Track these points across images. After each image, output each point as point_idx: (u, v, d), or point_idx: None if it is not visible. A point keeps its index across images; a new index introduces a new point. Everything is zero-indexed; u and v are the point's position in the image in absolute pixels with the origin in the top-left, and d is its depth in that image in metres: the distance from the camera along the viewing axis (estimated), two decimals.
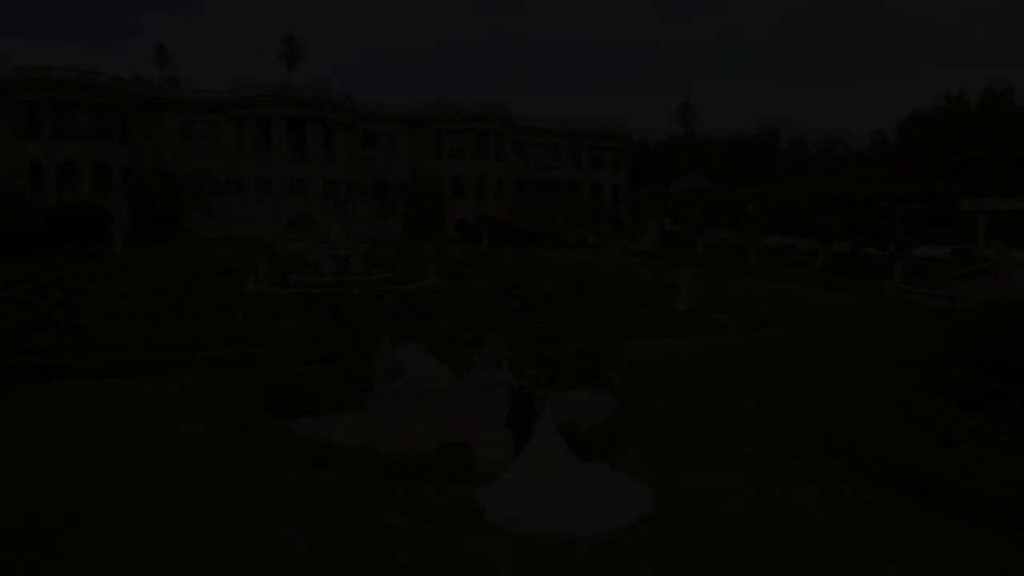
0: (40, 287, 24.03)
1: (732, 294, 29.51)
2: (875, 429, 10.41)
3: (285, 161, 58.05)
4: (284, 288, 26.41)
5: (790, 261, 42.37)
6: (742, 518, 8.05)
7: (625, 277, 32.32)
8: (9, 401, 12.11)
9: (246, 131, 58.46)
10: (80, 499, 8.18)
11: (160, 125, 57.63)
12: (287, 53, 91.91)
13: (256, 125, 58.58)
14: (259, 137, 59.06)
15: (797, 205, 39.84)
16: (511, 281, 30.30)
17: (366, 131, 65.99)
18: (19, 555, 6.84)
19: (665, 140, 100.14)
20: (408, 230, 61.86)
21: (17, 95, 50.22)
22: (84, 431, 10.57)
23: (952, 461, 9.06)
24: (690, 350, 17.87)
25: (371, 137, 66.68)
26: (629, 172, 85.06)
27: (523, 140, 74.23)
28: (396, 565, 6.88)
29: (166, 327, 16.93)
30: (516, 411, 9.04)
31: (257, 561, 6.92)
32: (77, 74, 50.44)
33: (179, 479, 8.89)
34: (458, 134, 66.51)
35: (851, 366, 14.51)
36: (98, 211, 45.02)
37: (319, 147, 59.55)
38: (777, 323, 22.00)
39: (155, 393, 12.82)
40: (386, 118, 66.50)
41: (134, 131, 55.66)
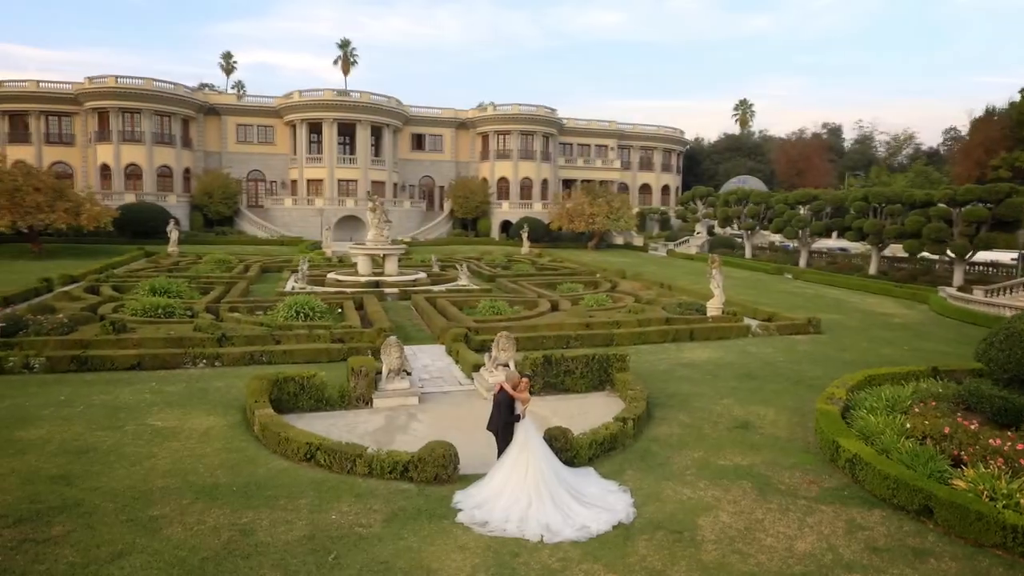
0: (96, 283, 25.51)
1: (773, 299, 28.56)
2: (886, 444, 9.87)
3: (335, 163, 59.71)
4: (320, 287, 27.16)
5: (842, 265, 40.69)
6: (720, 532, 7.79)
7: (663, 280, 31.67)
8: (45, 389, 12.91)
9: (299, 134, 60.44)
10: (84, 483, 8.64)
11: (219, 129, 60.27)
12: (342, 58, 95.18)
13: (308, 129, 60.48)
14: (311, 140, 60.98)
15: (849, 207, 38.12)
16: (544, 282, 30.23)
17: (414, 133, 67.13)
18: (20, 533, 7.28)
19: (718, 140, 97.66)
20: (453, 230, 62.58)
21: (90, 103, 53.56)
22: (102, 420, 11.16)
23: (961, 482, 8.49)
24: (712, 356, 17.38)
25: (419, 139, 67.81)
26: (681, 173, 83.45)
27: (570, 141, 73.96)
28: (354, 561, 6.98)
29: (197, 324, 17.66)
30: (498, 415, 9.01)
31: (233, 547, 7.16)
32: (142, 82, 53.39)
33: (178, 468, 9.28)
34: (504, 136, 66.85)
35: (878, 376, 13.79)
36: (159, 211, 47.44)
37: (368, 149, 60.98)
38: (813, 330, 21.14)
39: (176, 386, 13.40)
40: (434, 121, 67.48)
41: (195, 135, 58.45)
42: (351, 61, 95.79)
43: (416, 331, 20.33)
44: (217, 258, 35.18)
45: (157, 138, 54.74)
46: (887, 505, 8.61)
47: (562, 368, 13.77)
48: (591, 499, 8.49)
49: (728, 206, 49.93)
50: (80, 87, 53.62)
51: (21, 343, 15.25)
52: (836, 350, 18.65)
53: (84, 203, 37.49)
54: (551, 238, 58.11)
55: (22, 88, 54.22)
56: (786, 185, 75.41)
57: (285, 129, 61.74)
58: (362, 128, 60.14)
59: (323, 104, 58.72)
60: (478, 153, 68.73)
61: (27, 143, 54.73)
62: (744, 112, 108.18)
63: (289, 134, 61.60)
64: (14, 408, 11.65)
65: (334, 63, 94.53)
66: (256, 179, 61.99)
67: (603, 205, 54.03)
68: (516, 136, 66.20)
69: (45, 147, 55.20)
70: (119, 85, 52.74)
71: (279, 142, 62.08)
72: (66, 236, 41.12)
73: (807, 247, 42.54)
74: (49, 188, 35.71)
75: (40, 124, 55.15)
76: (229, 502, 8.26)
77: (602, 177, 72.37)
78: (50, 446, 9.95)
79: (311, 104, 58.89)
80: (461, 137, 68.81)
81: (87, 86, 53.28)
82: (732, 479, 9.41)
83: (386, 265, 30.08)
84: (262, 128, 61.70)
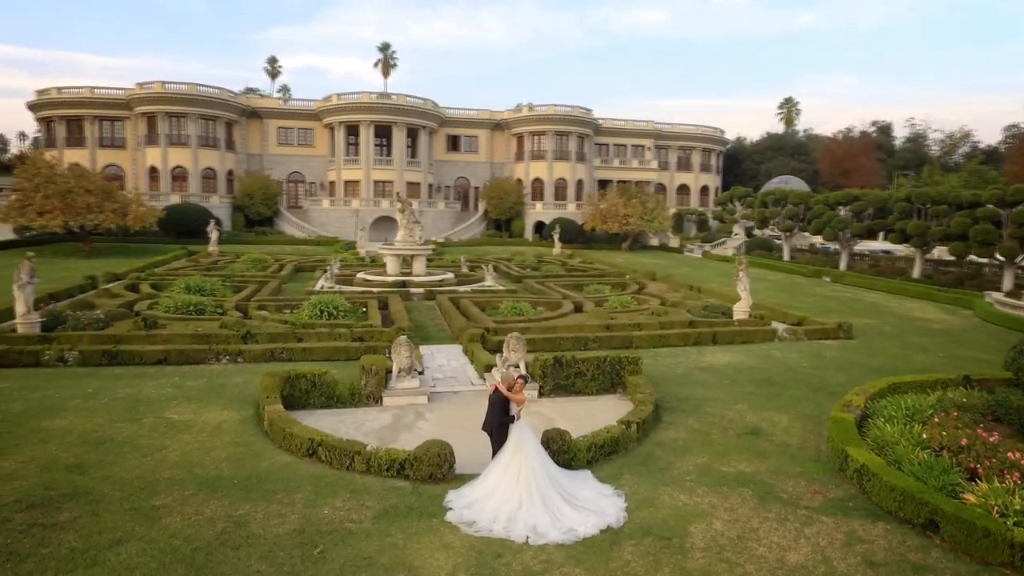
0: (136, 281, 26.59)
1: (806, 303, 27.78)
2: (899, 455, 9.50)
3: (371, 165, 60.73)
4: (347, 287, 27.67)
5: (884, 268, 39.27)
6: (711, 540, 7.63)
7: (693, 282, 31.15)
8: (75, 382, 13.54)
9: (337, 137, 61.70)
10: (96, 472, 9.03)
11: (261, 132, 62.02)
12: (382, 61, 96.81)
13: (346, 131, 61.68)
14: (348, 142, 62.18)
15: (892, 208, 36.74)
16: (571, 283, 30.09)
17: (450, 135, 67.75)
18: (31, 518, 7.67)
19: (761, 139, 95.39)
20: (486, 231, 62.88)
21: (140, 107, 55.84)
22: (123, 412, 11.64)
23: (972, 496, 8.11)
24: (733, 361, 17.02)
25: (454, 140, 68.39)
26: (720, 173, 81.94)
27: (606, 141, 73.46)
28: (338, 555, 7.10)
29: (223, 321, 18.23)
30: (492, 415, 9.03)
31: (225, 537, 7.39)
32: (187, 87, 55.38)
33: (186, 460, 9.62)
34: (539, 137, 66.86)
35: (903, 384, 13.27)
36: (202, 212, 49.09)
37: (403, 151, 61.83)
38: (844, 335, 20.47)
39: (197, 381, 13.87)
40: (469, 122, 67.97)
41: (238, 138, 60.30)
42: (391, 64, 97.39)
43: (437, 331, 20.52)
44: (254, 257, 36.21)
45: (202, 141, 56.68)
46: (893, 518, 8.29)
47: (572, 370, 13.70)
48: (583, 502, 8.43)
49: (766, 207, 48.73)
50: (131, 93, 55.97)
51: (59, 337, 16.03)
52: (865, 356, 18.02)
53: (131, 204, 39.11)
54: (585, 239, 57.79)
55: (78, 94, 56.91)
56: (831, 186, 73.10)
57: (324, 131, 63.12)
58: (398, 130, 60.99)
59: (360, 107, 59.79)
60: (513, 154, 68.90)
61: (82, 147, 57.42)
62: (789, 110, 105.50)
63: (328, 136, 62.95)
64: (44, 399, 12.25)
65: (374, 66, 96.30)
66: (296, 180, 63.55)
67: (637, 206, 53.40)
68: (551, 137, 66.11)
69: (99, 150, 57.79)
70: (166, 91, 54.86)
71: (318, 144, 63.50)
72: (115, 236, 42.94)
73: (848, 249, 41.18)
74: (99, 190, 37.39)
75: (94, 128, 57.76)
76: (229, 494, 8.52)
77: (638, 178, 71.60)
78: (71, 436, 10.43)
79: (348, 107, 60.05)
80: (496, 138, 69.11)
81: (137, 92, 55.58)
82: (733, 486, 9.20)
83: (414, 265, 30.44)
84: (302, 131, 63.22)
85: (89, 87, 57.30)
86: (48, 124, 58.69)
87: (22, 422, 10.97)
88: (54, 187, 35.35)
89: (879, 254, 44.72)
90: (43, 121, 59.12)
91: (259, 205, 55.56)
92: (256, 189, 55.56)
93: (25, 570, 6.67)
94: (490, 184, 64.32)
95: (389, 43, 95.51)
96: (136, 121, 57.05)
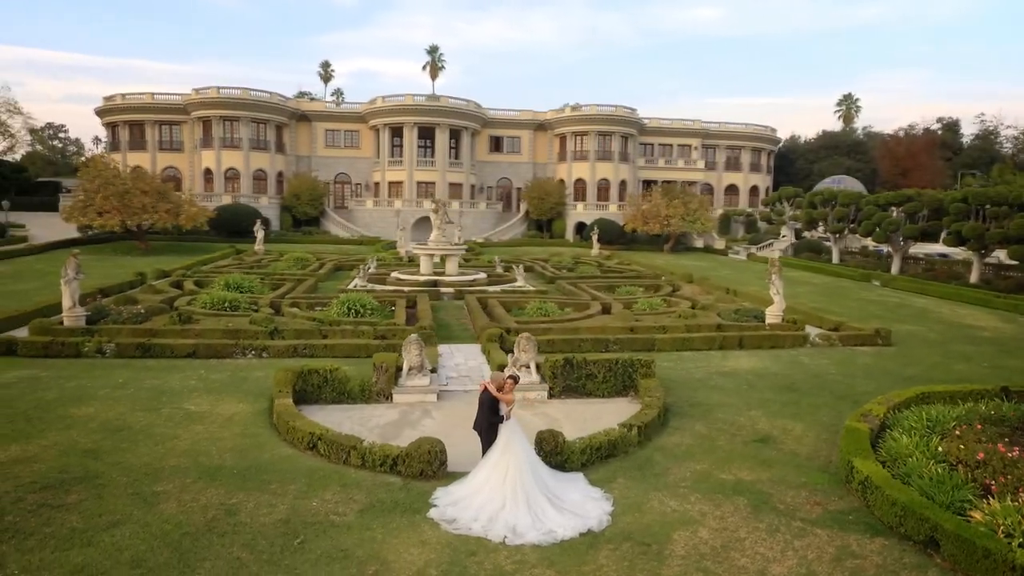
0: (181, 278, 27.82)
1: (848, 307, 26.74)
2: (910, 468, 9.05)
3: (414, 166, 61.69)
4: (380, 285, 28.20)
5: (939, 273, 37.34)
6: (692, 548, 7.46)
7: (731, 285, 30.38)
8: (109, 372, 14.29)
9: (382, 138, 62.94)
10: (109, 458, 9.53)
11: (309, 135, 63.86)
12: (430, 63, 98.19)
13: (390, 133, 62.85)
14: (393, 144, 63.35)
15: (948, 208, 34.91)
16: (604, 285, 29.82)
17: (492, 136, 68.14)
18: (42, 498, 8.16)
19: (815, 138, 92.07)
20: (527, 232, 62.92)
21: (196, 112, 58.37)
22: (145, 402, 12.23)
23: (978, 513, 7.66)
24: (757, 366, 16.54)
25: (497, 141, 68.74)
26: (771, 173, 79.61)
27: (651, 141, 72.45)
28: (317, 546, 7.28)
29: (253, 317, 18.87)
30: (482, 415, 9.07)
31: (214, 524, 7.69)
32: (240, 92, 57.56)
33: (193, 449, 10.03)
34: (581, 137, 66.49)
35: (933, 394, 12.63)
36: (252, 212, 50.91)
37: (446, 152, 62.54)
38: (882, 341, 19.59)
39: (221, 375, 14.42)
40: (512, 123, 68.20)
41: (287, 140, 62.27)
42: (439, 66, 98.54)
43: (460, 330, 20.69)
44: (296, 256, 37.30)
45: (253, 144, 58.78)
46: (893, 534, 7.91)
47: (583, 371, 13.60)
48: (569, 505, 8.38)
49: (814, 207, 47.04)
50: (188, 98, 58.57)
51: (100, 330, 16.94)
52: (900, 364, 17.20)
53: (183, 204, 40.93)
54: (626, 240, 57.13)
55: (140, 100, 59.95)
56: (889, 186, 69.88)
57: (370, 133, 64.48)
58: (440, 131, 61.74)
59: (404, 109, 60.80)
60: (556, 154, 68.75)
61: (144, 150, 60.45)
62: (848, 108, 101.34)
63: (373, 138, 64.28)
64: (77, 388, 12.99)
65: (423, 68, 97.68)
66: (343, 181, 65.16)
67: (679, 206, 52.44)
68: (594, 137, 65.65)
69: (159, 153, 60.71)
70: (220, 95, 57.16)
71: (364, 146, 64.92)
72: (170, 234, 44.99)
73: (900, 252, 39.35)
74: (153, 190, 39.29)
75: (155, 132, 60.72)
76: (226, 483, 8.84)
77: (684, 178, 70.33)
78: (93, 423, 11.03)
79: (393, 109, 61.16)
80: (539, 139, 69.09)
81: (193, 97, 58.12)
82: (728, 494, 8.96)
83: (447, 265, 30.77)
84: (348, 133, 64.77)
85: (150, 93, 60.29)
86: (113, 129, 62.02)
87: (53, 409, 11.66)
88: (112, 188, 37.35)
89: (935, 257, 42.56)
90: (109, 126, 62.51)
91: (305, 205, 57.22)
92: (303, 190, 57.24)
93: (27, 547, 7.11)
94: (531, 185, 64.34)
95: (437, 46, 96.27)
96: (193, 125, 59.64)
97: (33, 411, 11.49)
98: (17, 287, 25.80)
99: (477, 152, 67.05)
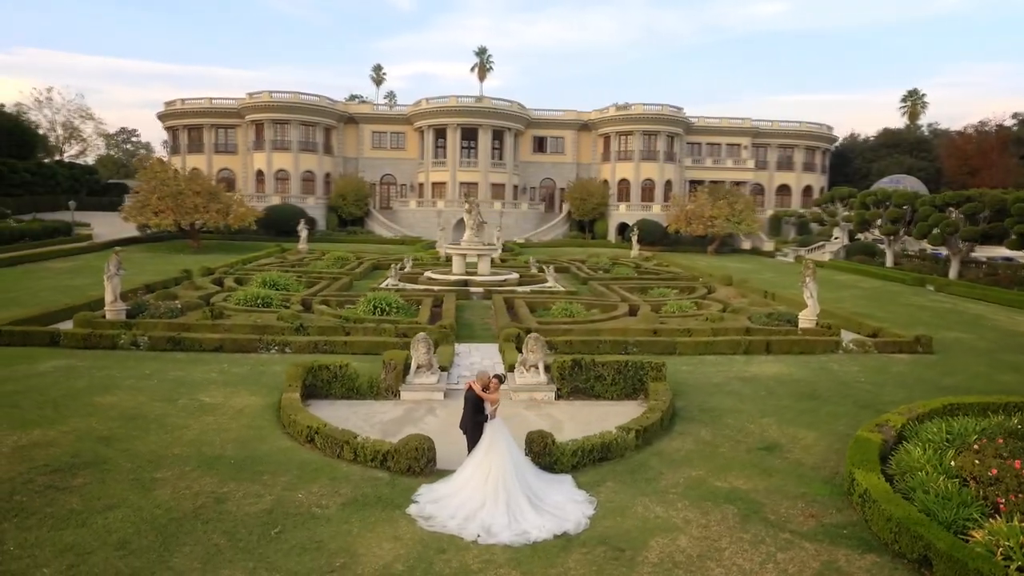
0: (223, 275, 28.93)
1: (894, 313, 25.54)
2: (917, 482, 8.56)
3: (457, 167, 62.30)
4: (411, 284, 28.60)
5: (1002, 278, 35.19)
6: (666, 556, 7.27)
7: (771, 288, 29.43)
8: (139, 364, 15.00)
9: (426, 140, 63.83)
10: (119, 445, 10.01)
11: (356, 137, 65.37)
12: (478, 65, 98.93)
13: (434, 134, 63.66)
14: (437, 145, 64.14)
15: (1011, 209, 32.82)
16: (637, 286, 29.40)
17: (536, 136, 68.11)
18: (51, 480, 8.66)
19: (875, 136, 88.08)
20: (569, 232, 62.62)
21: (249, 116, 60.61)
22: (165, 393, 12.78)
23: (979, 533, 7.18)
24: (780, 372, 15.97)
25: (540, 142, 68.67)
26: (827, 172, 76.69)
27: (699, 141, 70.92)
28: (293, 536, 7.45)
29: (280, 314, 19.45)
30: (467, 414, 9.08)
31: (201, 511, 7.99)
32: (291, 95, 59.43)
33: (199, 439, 10.43)
34: (625, 137, 65.69)
35: (963, 405, 11.89)
36: (299, 212, 52.47)
37: (488, 153, 62.89)
38: (922, 349, 18.60)
39: (242, 368, 14.93)
40: (556, 123, 68.00)
41: (335, 142, 63.92)
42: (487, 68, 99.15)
43: (483, 330, 20.76)
44: (337, 255, 38.25)
45: (302, 146, 60.59)
46: (887, 551, 7.50)
47: (592, 373, 13.44)
48: (550, 507, 8.30)
49: (866, 208, 45.02)
50: (242, 102, 60.87)
51: (137, 324, 17.81)
52: (939, 373, 16.29)
53: (232, 205, 42.55)
54: (669, 242, 56.12)
55: (198, 105, 62.66)
56: (955, 186, 66.13)
57: (415, 135, 65.49)
58: (483, 132, 62.13)
59: (447, 110, 61.48)
60: (599, 155, 68.15)
61: (201, 152, 63.17)
62: (914, 104, 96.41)
63: (418, 140, 65.25)
64: (106, 378, 13.69)
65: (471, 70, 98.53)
66: (388, 182, 66.39)
67: (724, 207, 51.14)
68: (638, 136, 64.75)
69: (214, 155, 63.31)
70: (272, 99, 59.20)
71: (409, 147, 65.98)
72: (222, 234, 46.90)
73: (959, 255, 37.23)
74: (205, 191, 41.02)
75: (211, 136, 63.36)
76: (222, 473, 9.15)
77: (733, 178, 68.50)
78: (113, 411, 11.60)
79: (437, 111, 61.92)
80: (583, 139, 68.64)
81: (247, 101, 60.37)
82: (718, 502, 8.69)
83: (479, 265, 30.94)
84: (394, 135, 65.96)
85: (208, 98, 62.93)
86: (174, 132, 65.05)
87: (80, 396, 12.33)
88: (166, 189, 39.21)
89: (998, 261, 40.08)
90: (170, 130, 65.61)
91: (351, 206, 58.59)
92: (349, 191, 58.63)
93: (27, 525, 7.55)
94: (574, 185, 63.97)
95: (485, 47, 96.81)
96: (246, 128, 61.93)
97: (61, 398, 12.18)
98: (74, 282, 27.38)
99: (520, 152, 67.16)
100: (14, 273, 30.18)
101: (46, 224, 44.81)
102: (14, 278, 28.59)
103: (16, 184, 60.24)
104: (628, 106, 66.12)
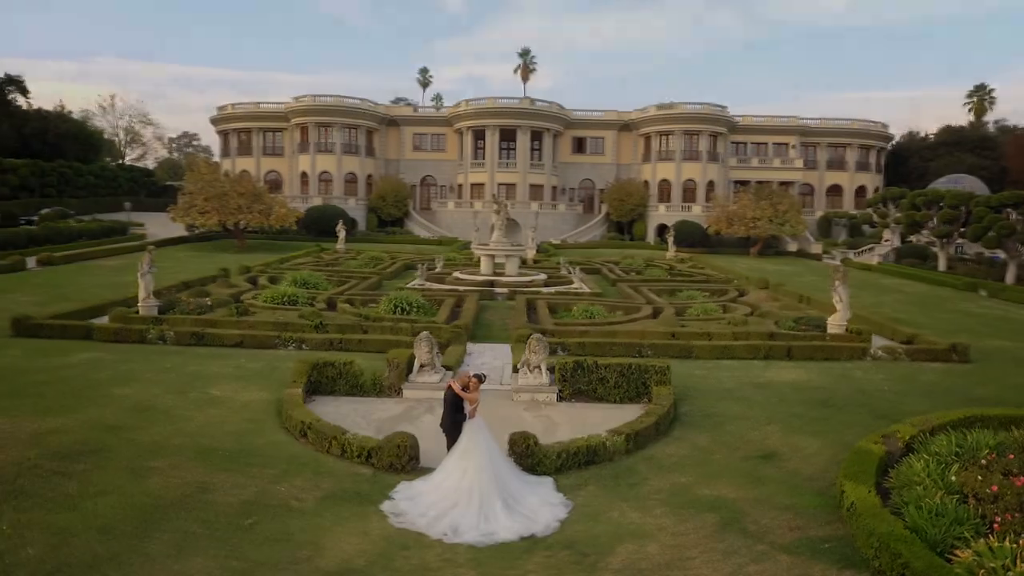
0: (257, 274, 29.88)
1: (940, 319, 24.37)
2: (913, 497, 8.15)
3: (495, 168, 62.57)
4: (438, 284, 28.89)
5: None
6: (631, 563, 7.14)
7: (808, 292, 28.39)
8: (161, 358, 15.66)
9: (465, 141, 64.37)
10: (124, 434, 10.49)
11: (398, 139, 66.47)
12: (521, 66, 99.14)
13: (473, 136, 64.13)
14: (476, 147, 64.58)
15: None
16: (666, 288, 28.95)
17: (575, 137, 67.75)
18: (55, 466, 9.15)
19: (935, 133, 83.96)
20: (607, 234, 62.01)
21: (295, 119, 62.42)
22: (178, 386, 13.30)
23: (968, 552, 6.77)
24: (797, 378, 15.43)
25: (580, 142, 68.26)
26: (882, 172, 73.54)
27: (744, 140, 69.10)
28: (265, 528, 7.65)
29: (301, 312, 19.97)
30: (446, 413, 9.12)
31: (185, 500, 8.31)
32: (333, 99, 60.88)
33: (199, 431, 10.83)
34: (666, 136, 64.62)
35: (984, 417, 11.23)
36: (339, 212, 53.67)
37: (527, 154, 62.92)
38: (957, 358, 17.65)
39: (257, 364, 15.39)
40: (595, 123, 67.48)
41: (377, 145, 65.15)
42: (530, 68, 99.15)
43: (500, 330, 20.78)
44: (372, 255, 38.99)
45: (345, 148, 61.99)
46: (867, 568, 7.17)
47: (595, 375, 13.31)
48: (524, 509, 8.28)
49: (916, 209, 42.97)
50: (288, 106, 62.73)
51: (166, 319, 18.59)
52: (971, 383, 15.42)
53: (274, 205, 43.90)
54: (710, 243, 54.86)
55: (247, 109, 64.92)
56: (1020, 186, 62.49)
57: (454, 137, 66.13)
58: (522, 133, 62.20)
59: (486, 112, 61.82)
60: (640, 155, 67.23)
61: (249, 155, 65.39)
62: (980, 99, 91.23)
63: (458, 141, 65.86)
64: (127, 370, 14.35)
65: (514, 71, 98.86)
66: (428, 184, 67.23)
67: (767, 208, 49.66)
68: (679, 136, 63.59)
69: (262, 158, 65.43)
70: (316, 103, 60.79)
71: (449, 149, 66.65)
72: (266, 233, 48.43)
73: (1016, 259, 35.13)
74: (248, 192, 42.47)
75: (259, 139, 65.53)
76: (212, 464, 9.48)
77: (780, 178, 66.42)
78: (127, 402, 12.16)
79: (476, 112, 62.35)
80: (623, 139, 67.87)
81: (293, 104, 62.18)
82: (699, 510, 8.47)
83: (507, 266, 31.02)
84: (435, 136, 66.77)
85: (255, 103, 65.11)
86: (225, 136, 67.57)
87: (99, 387, 12.98)
88: (212, 190, 40.78)
89: None
90: (221, 134, 68.18)
91: (390, 207, 59.60)
92: (388, 192, 59.66)
93: (23, 507, 8.00)
94: (612, 186, 63.33)
95: (528, 48, 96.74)
96: (292, 131, 63.79)
97: (83, 389, 12.84)
98: (121, 279, 28.76)
99: (560, 153, 66.93)
100: (68, 270, 31.97)
101: (104, 224, 47.30)
102: (68, 275, 30.28)
103: (80, 186, 63.75)
104: (670, 105, 65.02)
